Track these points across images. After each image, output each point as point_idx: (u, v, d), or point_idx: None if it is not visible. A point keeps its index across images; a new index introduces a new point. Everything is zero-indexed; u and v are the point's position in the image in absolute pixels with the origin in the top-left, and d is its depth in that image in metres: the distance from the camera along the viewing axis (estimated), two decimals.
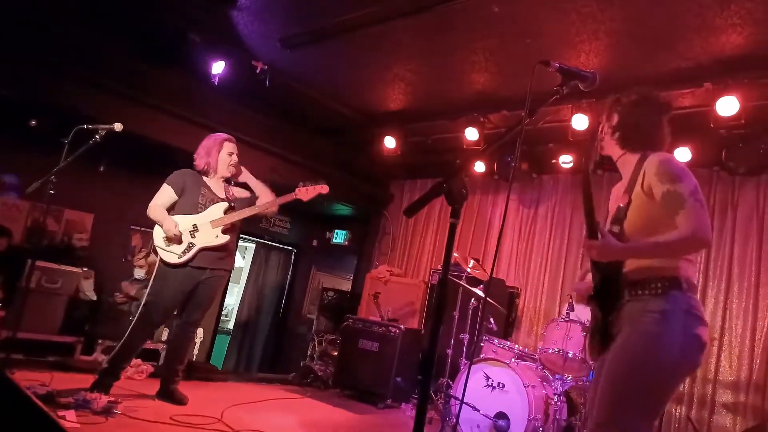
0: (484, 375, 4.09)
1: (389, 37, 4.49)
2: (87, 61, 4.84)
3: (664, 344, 1.75)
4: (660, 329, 1.77)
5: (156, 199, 3.72)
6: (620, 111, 2.06)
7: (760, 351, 4.62)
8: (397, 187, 7.66)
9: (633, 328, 1.82)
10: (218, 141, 3.85)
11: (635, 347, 1.79)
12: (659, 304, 1.80)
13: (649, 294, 1.82)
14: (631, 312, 1.86)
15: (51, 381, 3.52)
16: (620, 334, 1.86)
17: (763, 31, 3.61)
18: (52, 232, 5.98)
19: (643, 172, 1.89)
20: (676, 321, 1.77)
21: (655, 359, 1.76)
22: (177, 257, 3.60)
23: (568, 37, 4.03)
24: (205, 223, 3.65)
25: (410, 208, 1.50)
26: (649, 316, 1.79)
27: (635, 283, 1.86)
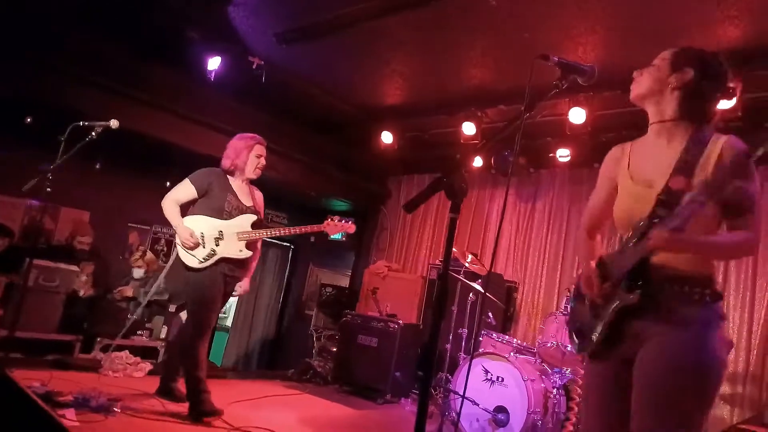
0: (483, 369, 4.10)
1: (386, 32, 4.47)
2: (83, 58, 4.81)
3: (707, 354, 1.59)
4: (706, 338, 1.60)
5: (173, 193, 3.59)
6: (699, 68, 1.77)
7: (757, 342, 4.64)
8: (394, 183, 7.66)
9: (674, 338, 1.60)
10: (249, 142, 3.73)
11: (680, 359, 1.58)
12: (699, 311, 1.62)
13: (693, 300, 1.62)
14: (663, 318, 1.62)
15: (50, 380, 3.52)
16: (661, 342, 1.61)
17: (761, 23, 3.61)
18: (48, 230, 5.96)
19: (714, 157, 1.64)
20: (718, 329, 1.63)
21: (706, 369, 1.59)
22: (198, 262, 3.48)
23: (565, 31, 4.03)
24: (231, 233, 3.53)
25: (410, 204, 1.49)
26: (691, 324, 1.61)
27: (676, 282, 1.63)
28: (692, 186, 1.58)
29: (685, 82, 1.75)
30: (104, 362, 4.50)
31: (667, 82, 1.78)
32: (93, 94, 4.88)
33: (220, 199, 3.58)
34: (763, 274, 4.75)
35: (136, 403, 3.49)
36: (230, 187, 3.65)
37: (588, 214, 2.01)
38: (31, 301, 4.39)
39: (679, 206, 1.53)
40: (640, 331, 1.67)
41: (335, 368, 5.54)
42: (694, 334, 1.59)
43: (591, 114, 4.78)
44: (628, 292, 1.66)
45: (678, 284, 1.62)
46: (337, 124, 6.64)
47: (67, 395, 3.24)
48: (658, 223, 1.58)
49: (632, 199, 1.76)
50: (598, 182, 1.97)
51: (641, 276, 1.64)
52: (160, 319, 5.71)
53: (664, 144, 1.76)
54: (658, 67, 1.82)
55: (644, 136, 1.87)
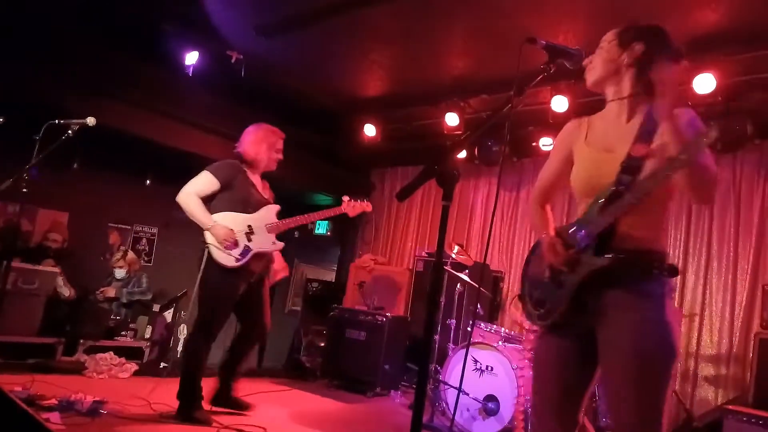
0: (472, 359, 4.11)
1: (366, 22, 4.44)
2: (55, 53, 4.69)
3: (671, 330, 1.66)
4: (666, 315, 1.66)
5: (193, 185, 3.40)
6: (648, 41, 1.79)
7: (740, 324, 4.72)
8: (378, 176, 7.62)
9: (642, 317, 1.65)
10: (272, 138, 3.65)
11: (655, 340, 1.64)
12: (660, 287, 1.68)
13: (653, 274, 1.68)
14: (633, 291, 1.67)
15: (32, 384, 3.44)
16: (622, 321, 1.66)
17: (738, 7, 3.65)
18: (26, 232, 5.83)
19: None
20: (671, 305, 1.71)
21: (672, 346, 1.66)
22: (235, 260, 3.37)
23: (546, 17, 4.02)
24: (260, 226, 3.45)
25: (403, 192, 1.47)
26: (654, 302, 1.66)
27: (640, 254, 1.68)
28: (652, 152, 1.65)
29: (637, 57, 1.79)
30: (88, 364, 4.42)
31: (620, 61, 1.82)
32: (68, 91, 4.76)
33: (244, 192, 3.47)
34: (744, 257, 4.82)
35: (123, 404, 3.43)
36: (250, 179, 3.54)
37: (539, 186, 2.04)
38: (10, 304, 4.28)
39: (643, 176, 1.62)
40: (605, 301, 1.69)
41: (324, 363, 5.52)
42: (655, 312, 1.65)
43: (573, 102, 4.80)
44: (598, 255, 1.68)
45: (641, 255, 1.67)
46: (320, 117, 6.58)
47: (51, 399, 3.18)
48: (623, 190, 1.64)
49: (592, 166, 1.81)
50: (552, 154, 2.01)
51: (609, 242, 1.67)
52: (144, 319, 5.63)
53: (623, 118, 1.81)
54: (607, 49, 1.85)
55: (602, 111, 1.91)
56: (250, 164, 3.58)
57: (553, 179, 1.99)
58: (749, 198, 4.90)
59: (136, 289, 5.74)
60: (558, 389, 1.81)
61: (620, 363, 1.65)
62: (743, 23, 3.80)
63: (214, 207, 3.44)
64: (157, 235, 6.99)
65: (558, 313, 1.77)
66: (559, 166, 1.96)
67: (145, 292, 5.78)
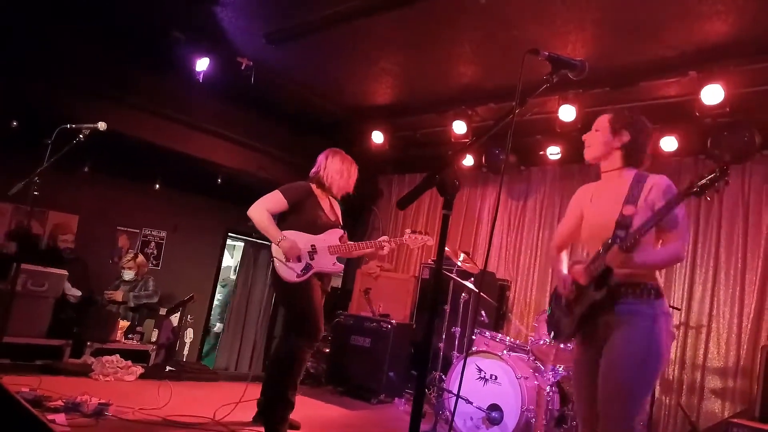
0: (476, 367, 4.10)
1: (375, 31, 4.46)
2: (70, 61, 4.77)
3: (660, 344, 2.06)
4: (656, 331, 2.07)
5: (265, 203, 3.55)
6: (632, 131, 2.28)
7: (747, 336, 4.67)
8: (385, 182, 7.64)
9: (633, 330, 2.08)
10: (351, 168, 3.85)
11: (640, 349, 2.05)
12: (652, 308, 2.11)
13: (642, 299, 2.11)
14: (625, 312, 2.11)
15: (39, 385, 3.48)
16: (616, 335, 2.10)
17: (746, 17, 3.63)
18: (36, 234, 5.90)
19: (648, 189, 2.17)
20: (663, 322, 2.10)
21: (653, 358, 2.05)
22: (296, 275, 3.47)
23: (554, 27, 4.03)
24: (323, 247, 3.57)
25: (403, 201, 1.49)
26: (646, 320, 2.09)
27: (630, 286, 2.13)
28: (637, 211, 2.12)
29: (624, 143, 2.29)
30: (95, 366, 4.46)
31: (611, 144, 2.30)
32: (80, 97, 4.83)
33: (312, 214, 3.61)
34: (752, 269, 4.79)
35: (129, 407, 3.46)
36: (319, 202, 3.68)
37: (558, 236, 2.60)
38: (19, 306, 4.33)
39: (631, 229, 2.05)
40: (606, 322, 2.17)
41: (328, 369, 5.52)
42: (643, 331, 2.08)
43: (581, 111, 4.80)
44: (596, 291, 2.17)
45: (630, 287, 2.13)
46: (328, 125, 6.62)
47: (57, 400, 3.21)
48: (617, 242, 2.04)
49: (594, 220, 2.33)
50: (568, 212, 2.55)
51: (605, 280, 2.13)
52: (151, 322, 5.67)
53: (615, 185, 2.29)
54: (602, 133, 2.33)
55: (601, 180, 2.40)
56: (321, 186, 3.72)
57: (569, 232, 2.53)
58: (757, 209, 4.87)
59: (142, 292, 5.79)
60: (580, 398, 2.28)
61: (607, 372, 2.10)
62: (752, 34, 3.79)
63: (282, 226, 3.57)
64: (165, 239, 7.04)
65: (565, 336, 2.36)
66: (573, 222, 2.48)
67: (152, 296, 5.82)
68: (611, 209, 2.20)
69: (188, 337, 6.51)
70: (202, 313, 7.30)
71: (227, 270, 9.40)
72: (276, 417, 3.37)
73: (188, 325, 6.31)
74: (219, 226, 7.50)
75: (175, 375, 4.92)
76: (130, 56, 5.12)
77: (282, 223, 3.58)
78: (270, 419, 3.37)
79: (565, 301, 2.33)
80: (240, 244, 9.27)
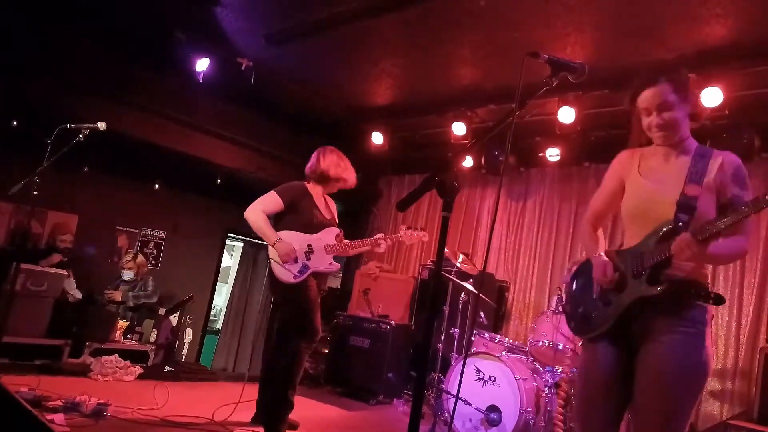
0: (475, 369, 4.11)
1: (375, 32, 4.47)
2: (70, 60, 4.77)
3: (708, 356, 1.82)
4: (706, 342, 1.83)
5: (260, 204, 3.55)
6: (692, 94, 1.98)
7: (746, 338, 4.68)
8: (385, 183, 7.64)
9: (691, 339, 1.81)
10: (347, 161, 3.86)
11: (688, 363, 1.80)
12: (702, 314, 1.84)
13: (700, 301, 1.83)
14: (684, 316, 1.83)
15: (38, 385, 3.48)
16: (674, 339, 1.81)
17: (745, 21, 3.64)
18: (36, 234, 5.90)
19: (716, 167, 1.90)
20: (710, 330, 1.86)
21: (705, 372, 1.82)
22: (293, 276, 3.47)
23: (554, 29, 4.04)
24: (320, 246, 3.56)
25: (402, 203, 1.50)
26: (701, 327, 1.83)
27: (693, 285, 1.84)
28: (702, 192, 1.85)
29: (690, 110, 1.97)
30: (94, 366, 4.46)
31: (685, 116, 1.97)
32: (80, 96, 4.83)
33: (308, 214, 3.61)
34: (750, 270, 4.79)
35: (128, 406, 3.46)
36: (315, 201, 3.68)
37: (593, 210, 2.21)
38: (19, 305, 4.34)
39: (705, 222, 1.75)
40: (651, 323, 1.86)
41: (327, 369, 5.52)
42: (696, 338, 1.81)
43: (580, 113, 4.80)
44: (651, 285, 1.85)
45: (692, 286, 1.83)
46: (328, 125, 6.63)
47: (56, 400, 3.21)
48: (682, 228, 1.80)
49: (645, 196, 1.98)
50: (606, 180, 2.15)
51: (662, 272, 1.84)
52: (150, 322, 5.67)
53: (673, 157, 1.99)
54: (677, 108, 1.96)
55: (653, 148, 2.06)
56: (324, 180, 3.72)
57: (606, 204, 2.16)
58: None
59: (142, 292, 5.79)
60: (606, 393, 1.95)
61: (653, 384, 1.81)
62: (750, 38, 3.80)
63: (278, 226, 3.57)
64: (164, 239, 7.05)
65: (603, 329, 1.96)
66: (612, 192, 2.12)
67: (151, 296, 5.82)
68: (670, 186, 1.90)
69: (187, 337, 6.51)
70: (201, 314, 7.30)
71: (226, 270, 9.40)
72: (275, 417, 3.37)
73: (187, 326, 6.31)
74: (218, 226, 7.51)
75: (174, 375, 4.93)
76: (130, 56, 5.12)
77: (278, 224, 3.58)
78: (269, 420, 3.38)
79: (601, 290, 2.01)
80: (239, 244, 9.28)
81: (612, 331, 1.94)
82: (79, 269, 5.63)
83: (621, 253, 2.00)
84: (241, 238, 8.64)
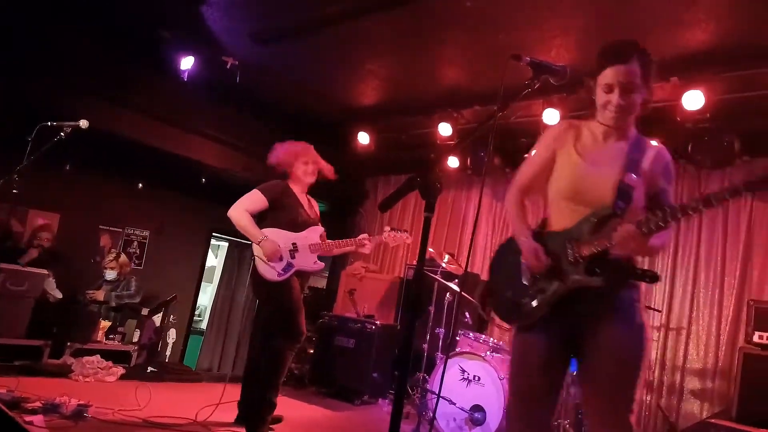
0: (459, 368, 4.12)
1: (361, 33, 4.47)
2: (51, 56, 4.70)
3: (649, 332, 1.85)
4: (645, 318, 1.86)
5: (244, 203, 3.52)
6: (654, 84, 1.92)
7: (726, 339, 4.75)
8: (371, 184, 7.65)
9: (632, 322, 1.82)
10: (293, 148, 3.76)
11: (638, 341, 1.81)
12: (637, 292, 1.86)
13: (637, 286, 1.86)
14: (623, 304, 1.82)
15: (17, 386, 3.43)
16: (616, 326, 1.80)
17: (726, 27, 3.70)
18: (17, 233, 5.81)
19: (650, 158, 1.87)
20: (643, 306, 1.89)
21: (649, 347, 1.86)
22: (277, 274, 3.45)
23: (539, 32, 4.07)
24: (304, 245, 3.55)
25: (384, 203, 1.50)
26: (640, 310, 1.84)
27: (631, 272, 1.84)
28: (638, 182, 1.82)
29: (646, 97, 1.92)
30: (75, 367, 4.40)
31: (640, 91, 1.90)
32: (61, 93, 4.77)
33: (292, 212, 3.59)
34: (730, 272, 4.87)
35: (109, 407, 3.42)
36: (298, 199, 3.66)
37: (521, 182, 2.07)
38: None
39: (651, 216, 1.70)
40: (589, 307, 1.82)
41: (312, 370, 5.51)
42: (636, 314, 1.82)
43: (565, 115, 4.83)
44: (589, 274, 1.80)
45: (628, 270, 1.83)
46: (314, 125, 6.60)
47: (36, 401, 3.17)
48: (619, 215, 1.78)
49: (579, 176, 1.89)
50: (538, 153, 2.02)
51: (603, 262, 1.79)
52: (133, 322, 5.61)
53: (612, 139, 1.92)
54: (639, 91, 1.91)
55: (590, 124, 1.98)
56: (293, 180, 3.70)
57: (536, 177, 2.02)
58: (736, 214, 4.95)
59: (124, 292, 5.73)
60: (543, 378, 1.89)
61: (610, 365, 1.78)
62: (731, 43, 3.86)
63: (262, 224, 3.54)
64: (148, 239, 6.98)
65: (537, 316, 1.88)
66: (544, 165, 1.99)
67: (134, 296, 5.77)
68: (607, 170, 1.85)
69: (171, 337, 6.45)
70: (185, 314, 7.25)
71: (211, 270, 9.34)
72: (257, 418, 3.36)
73: (171, 326, 6.25)
74: (203, 225, 7.46)
75: (157, 376, 4.88)
76: (114, 53, 5.06)
77: (262, 222, 3.56)
78: (251, 420, 3.36)
79: (532, 276, 1.92)
80: (224, 243, 9.22)
81: (545, 319, 1.87)
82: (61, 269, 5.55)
83: (551, 235, 1.91)
84: (226, 237, 8.59)
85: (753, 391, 3.84)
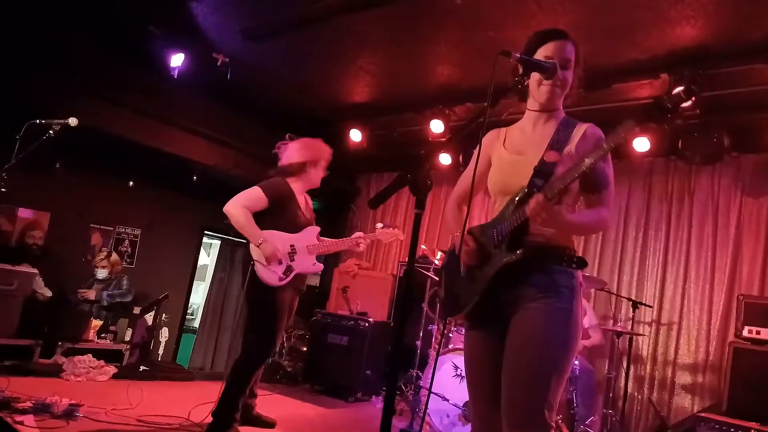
0: (452, 365, 4.13)
1: (353, 29, 4.46)
2: (40, 52, 4.66)
3: (577, 321, 1.77)
4: (576, 307, 1.78)
5: (243, 200, 3.34)
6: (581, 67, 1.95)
7: (716, 334, 4.79)
8: (363, 181, 7.65)
9: (553, 304, 1.75)
10: (325, 154, 3.72)
11: (563, 326, 1.74)
12: (573, 279, 1.80)
13: (563, 266, 1.79)
14: (543, 283, 1.77)
15: (8, 386, 3.41)
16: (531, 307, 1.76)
17: (716, 23, 3.72)
18: (5, 232, 5.76)
19: (578, 137, 1.87)
20: (580, 296, 1.82)
21: (575, 337, 1.76)
22: (278, 279, 3.34)
23: (529, 29, 4.06)
24: (302, 246, 3.45)
25: (375, 200, 1.50)
26: (567, 292, 1.77)
27: (551, 250, 1.80)
28: (562, 159, 1.79)
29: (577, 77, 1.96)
30: (66, 366, 4.38)
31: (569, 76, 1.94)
32: (50, 91, 4.73)
33: (292, 214, 3.48)
34: (720, 268, 4.91)
35: (101, 407, 3.41)
36: (297, 200, 3.54)
37: (459, 189, 2.19)
38: None
39: (554, 178, 1.70)
40: (518, 292, 1.79)
41: (305, 368, 5.51)
42: (564, 305, 1.75)
43: None
44: (510, 251, 1.79)
45: (550, 250, 1.80)
46: (306, 122, 6.58)
47: (26, 401, 3.15)
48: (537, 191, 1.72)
49: (507, 167, 1.94)
50: (474, 158, 2.02)
51: (521, 239, 1.78)
52: (125, 321, 5.58)
53: (539, 128, 1.96)
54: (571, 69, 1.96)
55: (520, 121, 2.06)
56: (299, 177, 3.58)
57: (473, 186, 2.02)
58: (726, 209, 4.99)
59: (116, 291, 5.70)
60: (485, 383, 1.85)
61: (521, 348, 1.73)
62: (720, 39, 3.88)
63: (261, 225, 3.37)
64: (139, 237, 6.95)
65: (471, 306, 1.87)
66: (479, 169, 2.01)
67: (126, 295, 5.74)
68: (531, 155, 1.86)
69: (163, 336, 6.43)
70: (177, 312, 7.22)
71: (203, 268, 9.32)
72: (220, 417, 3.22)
73: (163, 324, 6.23)
74: (195, 223, 7.43)
75: (149, 375, 4.86)
76: (104, 50, 5.02)
77: (260, 222, 3.38)
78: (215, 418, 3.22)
79: (466, 267, 1.92)
80: (216, 242, 9.19)
81: (478, 315, 1.87)
82: (52, 267, 5.51)
83: (483, 227, 1.95)
84: (218, 236, 8.56)
85: (743, 385, 3.87)
